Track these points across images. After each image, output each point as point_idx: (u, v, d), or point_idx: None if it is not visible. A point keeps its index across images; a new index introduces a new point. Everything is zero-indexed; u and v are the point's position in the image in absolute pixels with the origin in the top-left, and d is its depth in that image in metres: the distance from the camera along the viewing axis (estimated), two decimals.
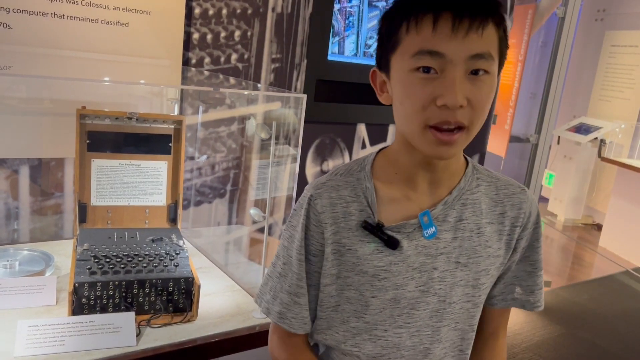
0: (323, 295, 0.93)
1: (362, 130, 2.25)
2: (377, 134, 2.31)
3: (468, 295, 0.91)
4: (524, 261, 0.96)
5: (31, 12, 1.46)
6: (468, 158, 0.95)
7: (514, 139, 4.53)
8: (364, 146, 2.29)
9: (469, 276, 0.90)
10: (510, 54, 2.97)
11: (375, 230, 0.88)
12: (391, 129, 2.34)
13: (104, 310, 1.15)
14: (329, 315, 0.93)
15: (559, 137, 4.95)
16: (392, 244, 0.88)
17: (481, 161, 2.77)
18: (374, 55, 0.91)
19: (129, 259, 1.22)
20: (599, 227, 4.90)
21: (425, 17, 0.78)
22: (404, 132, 0.86)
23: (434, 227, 0.89)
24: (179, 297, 1.21)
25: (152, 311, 1.19)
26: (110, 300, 1.16)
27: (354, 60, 2.12)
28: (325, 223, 0.90)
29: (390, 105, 0.88)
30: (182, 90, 1.76)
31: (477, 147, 2.72)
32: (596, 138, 4.62)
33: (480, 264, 0.91)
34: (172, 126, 1.43)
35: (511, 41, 2.76)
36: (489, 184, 0.94)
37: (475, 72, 0.78)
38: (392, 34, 0.82)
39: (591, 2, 5.26)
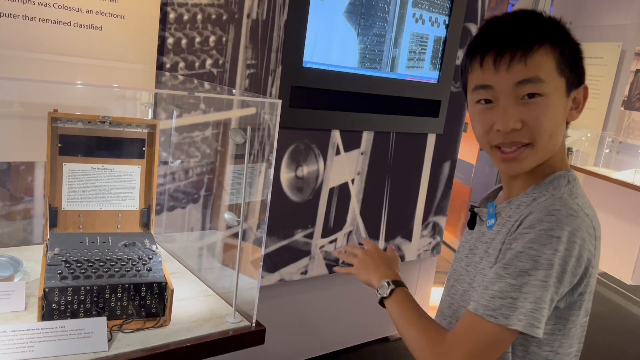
0: None
1: (336, 136, 2.27)
2: (352, 140, 2.34)
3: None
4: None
5: (1, 14, 1.43)
6: (564, 173, 0.95)
7: None
8: (338, 152, 2.31)
9: (485, 268, 0.99)
10: None
11: (470, 208, 1.07)
12: (365, 135, 2.36)
13: (74, 315, 1.14)
14: None
15: None
16: (470, 223, 1.07)
17: (452, 168, 2.82)
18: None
19: (101, 264, 1.21)
20: None
21: (475, 58, 0.93)
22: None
23: (494, 220, 1.00)
24: (152, 302, 1.20)
25: (124, 316, 1.18)
26: (82, 306, 1.14)
27: (329, 68, 2.14)
28: None
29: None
30: (156, 94, 1.75)
31: (448, 155, 2.77)
32: None
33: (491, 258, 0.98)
34: (146, 130, 1.42)
35: None
36: (540, 193, 0.93)
37: (531, 96, 0.89)
38: (463, 72, 0.99)
39: (559, 15, 5.40)
